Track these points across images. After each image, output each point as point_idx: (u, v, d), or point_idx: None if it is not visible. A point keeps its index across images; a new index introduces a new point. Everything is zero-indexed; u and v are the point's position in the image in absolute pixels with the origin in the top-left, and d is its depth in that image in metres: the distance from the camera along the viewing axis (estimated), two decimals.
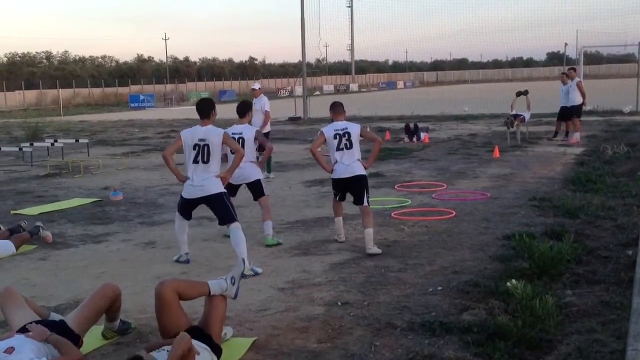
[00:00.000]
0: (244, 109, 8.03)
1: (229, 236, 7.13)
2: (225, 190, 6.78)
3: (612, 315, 4.86)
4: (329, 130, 7.41)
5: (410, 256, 6.82)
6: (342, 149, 7.32)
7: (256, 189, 7.83)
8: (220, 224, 6.94)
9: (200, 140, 6.62)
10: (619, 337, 4.39)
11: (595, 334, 4.54)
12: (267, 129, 13.29)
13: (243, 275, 5.86)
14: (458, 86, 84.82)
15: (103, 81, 75.12)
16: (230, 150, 7.35)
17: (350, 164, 7.30)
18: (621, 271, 5.85)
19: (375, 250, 6.96)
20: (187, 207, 6.90)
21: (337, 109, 7.57)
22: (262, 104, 13.29)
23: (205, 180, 6.62)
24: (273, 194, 10.58)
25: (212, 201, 6.70)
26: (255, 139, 7.79)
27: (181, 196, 6.89)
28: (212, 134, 6.65)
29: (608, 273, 5.84)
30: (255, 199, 7.93)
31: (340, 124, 7.44)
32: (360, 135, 7.39)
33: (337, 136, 7.33)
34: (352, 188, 7.37)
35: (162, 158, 6.89)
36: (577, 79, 17.74)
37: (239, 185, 7.78)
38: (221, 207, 6.69)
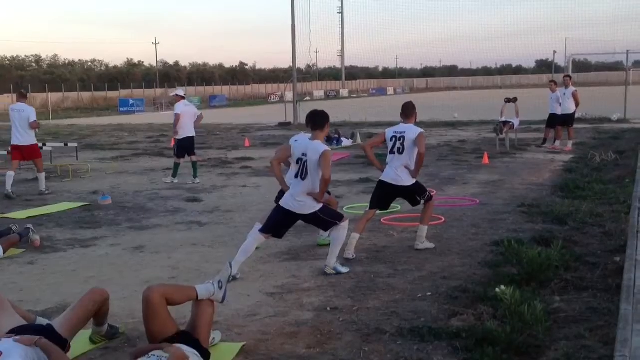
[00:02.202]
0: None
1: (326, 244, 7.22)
2: (320, 206, 6.35)
3: (599, 321, 4.88)
4: (389, 132, 7.33)
5: (400, 262, 6.83)
6: (394, 153, 7.23)
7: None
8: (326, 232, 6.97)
9: (303, 154, 6.29)
10: (607, 343, 4.41)
11: (583, 340, 4.56)
12: (181, 135, 12.93)
13: (230, 279, 5.87)
14: (448, 93, 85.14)
15: (92, 85, 74.87)
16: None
17: (397, 169, 7.22)
18: (609, 277, 5.88)
19: (425, 245, 7.26)
20: (276, 218, 6.42)
21: (406, 111, 7.36)
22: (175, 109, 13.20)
23: (301, 198, 6.27)
24: (263, 199, 10.58)
25: (309, 219, 6.47)
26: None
27: (277, 206, 6.48)
28: (312, 150, 6.23)
29: (596, 279, 5.87)
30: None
31: (402, 127, 7.28)
32: (414, 142, 7.12)
33: (394, 138, 7.24)
34: (402, 196, 7.48)
35: (270, 164, 6.77)
36: (573, 88, 17.80)
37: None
38: (319, 222, 6.50)
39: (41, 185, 12.20)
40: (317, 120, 6.37)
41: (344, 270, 6.48)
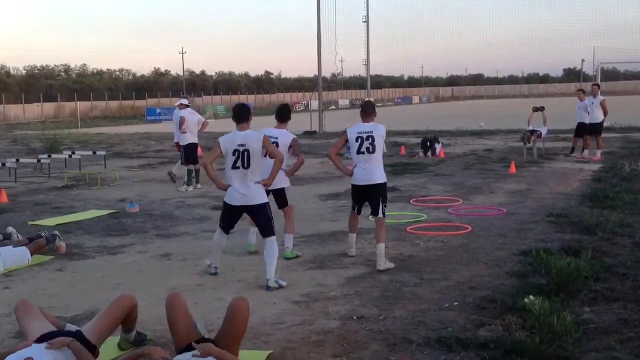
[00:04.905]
0: (285, 114, 7.81)
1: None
2: (268, 200, 6.69)
3: (630, 333, 4.81)
4: (352, 131, 7.20)
5: (426, 271, 6.80)
6: (363, 152, 7.10)
7: (280, 197, 7.60)
8: (261, 234, 6.72)
9: (240, 145, 6.46)
10: (637, 355, 4.35)
11: (614, 351, 4.49)
12: (186, 141, 13.57)
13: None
14: (474, 101, 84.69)
15: (120, 94, 75.76)
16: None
17: (369, 169, 7.11)
18: (639, 288, 5.79)
19: (387, 265, 6.90)
20: (229, 217, 6.71)
21: (366, 110, 7.32)
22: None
23: (249, 189, 6.49)
24: None
25: (255, 212, 6.60)
26: (290, 146, 7.58)
27: (224, 203, 6.71)
28: (251, 138, 6.49)
29: (626, 290, 5.79)
30: (280, 207, 7.64)
31: (366, 126, 7.19)
32: (383, 138, 7.20)
33: (359, 139, 7.10)
34: (369, 197, 7.21)
35: (202, 166, 6.84)
36: (601, 97, 17.59)
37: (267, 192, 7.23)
38: (264, 218, 6.58)
39: (174, 168, 14.45)
40: (238, 114, 6.63)
41: (284, 283, 6.46)
